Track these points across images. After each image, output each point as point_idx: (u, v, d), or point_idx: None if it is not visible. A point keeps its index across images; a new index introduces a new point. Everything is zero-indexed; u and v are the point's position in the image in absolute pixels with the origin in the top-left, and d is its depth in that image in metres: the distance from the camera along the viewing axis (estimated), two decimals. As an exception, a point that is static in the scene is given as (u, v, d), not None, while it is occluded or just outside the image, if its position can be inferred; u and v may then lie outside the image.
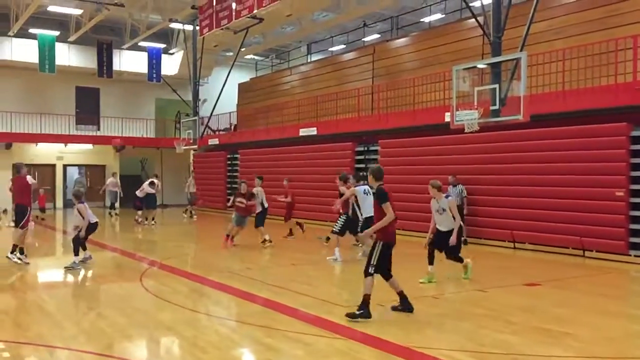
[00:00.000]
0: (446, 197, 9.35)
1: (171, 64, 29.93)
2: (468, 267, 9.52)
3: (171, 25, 26.03)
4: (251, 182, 14.80)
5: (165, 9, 24.51)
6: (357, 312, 6.96)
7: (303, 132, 21.06)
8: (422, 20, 26.13)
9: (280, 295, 8.51)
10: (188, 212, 22.81)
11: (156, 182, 19.87)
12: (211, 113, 26.99)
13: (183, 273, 10.56)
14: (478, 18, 14.12)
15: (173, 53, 30.17)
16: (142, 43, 27.64)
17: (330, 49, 31.02)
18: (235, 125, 28.79)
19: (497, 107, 12.50)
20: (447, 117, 13.83)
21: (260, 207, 14.12)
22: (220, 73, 29.71)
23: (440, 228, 9.39)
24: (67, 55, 27.80)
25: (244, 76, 32.85)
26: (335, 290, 9.61)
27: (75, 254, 10.73)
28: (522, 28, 13.08)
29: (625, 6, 13.91)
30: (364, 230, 9.12)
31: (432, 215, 9.41)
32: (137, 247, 14.46)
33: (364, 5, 22.81)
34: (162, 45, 28.95)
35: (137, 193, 19.61)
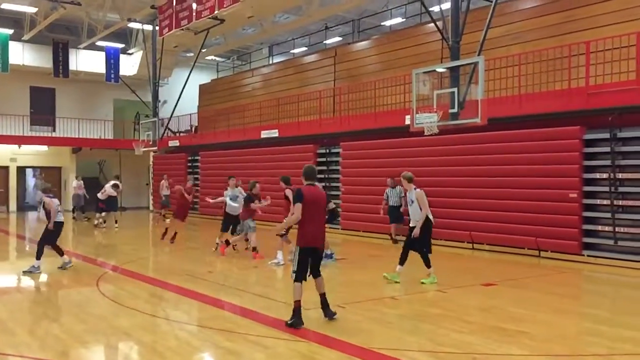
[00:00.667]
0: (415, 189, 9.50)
1: (130, 64, 29.42)
2: (431, 276, 9.57)
3: (130, 25, 25.59)
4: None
5: (123, 9, 24.08)
6: (288, 322, 6.77)
7: (265, 134, 21.00)
8: (383, 23, 26.39)
9: (241, 298, 8.47)
10: (162, 216, 22.22)
11: (119, 184, 19.50)
12: (171, 114, 26.64)
13: (142, 277, 10.38)
14: (437, 23, 14.37)
15: (132, 53, 29.66)
16: (100, 42, 27.08)
17: (292, 51, 31.03)
18: (196, 126, 28.49)
19: (456, 111, 12.72)
20: (408, 120, 14.00)
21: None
22: (180, 74, 29.36)
23: (410, 223, 9.57)
24: (22, 54, 27.03)
25: (205, 77, 32.55)
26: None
27: (37, 258, 10.44)
28: (480, 33, 13.35)
29: (578, 13, 14.35)
30: None
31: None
32: (95, 252, 14.14)
33: (326, 8, 22.91)
34: (121, 45, 28.43)
35: (99, 195, 19.12)
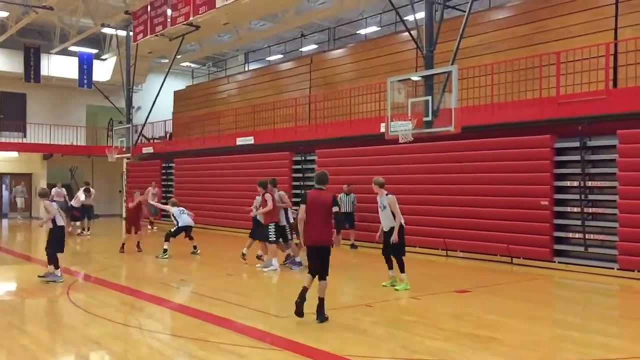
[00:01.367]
0: (387, 195, 9.55)
1: (103, 70, 29.06)
2: (404, 282, 9.60)
3: (103, 30, 25.31)
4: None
5: (97, 14, 23.78)
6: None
7: (240, 141, 20.90)
8: (359, 32, 26.55)
9: (214, 306, 8.38)
10: (150, 223, 21.78)
11: (92, 191, 19.18)
12: (145, 121, 26.37)
13: (114, 286, 10.21)
14: (412, 32, 14.50)
15: (105, 59, 29.32)
16: (73, 48, 26.71)
17: (267, 58, 31.02)
18: (170, 133, 28.25)
19: (430, 119, 12.82)
20: (383, 128, 14.07)
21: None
22: (155, 80, 29.10)
23: (383, 228, 9.62)
24: (-8, 58, 26.58)
25: (180, 84, 32.32)
26: (270, 300, 9.55)
27: (53, 265, 10.17)
28: (454, 42, 13.51)
29: (549, 24, 14.62)
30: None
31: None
32: (65, 260, 13.86)
33: (302, 15, 23.00)
34: (94, 50, 28.07)
35: (72, 203, 18.74)
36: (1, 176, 28.67)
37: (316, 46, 28.67)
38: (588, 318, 8.16)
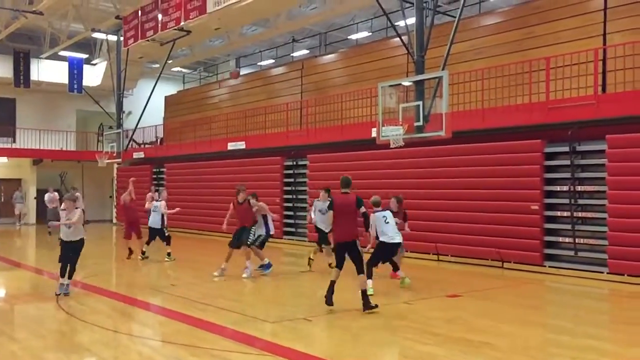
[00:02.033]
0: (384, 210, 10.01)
1: (94, 75, 28.91)
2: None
3: (94, 35, 25.17)
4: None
5: (87, 19, 23.69)
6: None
7: (231, 146, 20.86)
8: (350, 37, 26.62)
9: (205, 312, 8.34)
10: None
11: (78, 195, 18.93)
12: (136, 126, 26.24)
13: (104, 292, 10.14)
14: (402, 37, 14.54)
15: (96, 64, 29.18)
16: (63, 52, 26.57)
17: (259, 63, 31.01)
18: (161, 138, 28.15)
19: (421, 124, 12.86)
20: (374, 133, 14.09)
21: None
22: (145, 85, 28.98)
23: (396, 239, 9.92)
24: (-19, 63, 26.39)
25: (171, 89, 32.23)
26: (262, 306, 9.51)
27: (69, 277, 9.55)
28: (444, 48, 13.56)
29: (539, 30, 14.71)
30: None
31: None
32: (56, 265, 13.75)
33: (293, 21, 23.02)
34: (84, 55, 27.94)
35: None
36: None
37: (307, 51, 28.70)
38: (579, 322, 8.19)
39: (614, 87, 12.33)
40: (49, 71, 27.82)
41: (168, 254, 13.91)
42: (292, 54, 28.26)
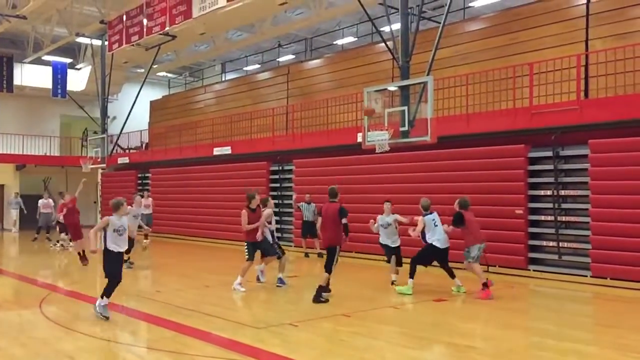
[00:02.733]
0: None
1: (78, 80, 28.70)
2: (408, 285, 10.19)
3: (78, 39, 25.03)
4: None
5: (71, 23, 23.52)
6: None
7: (217, 151, 20.80)
8: (335, 42, 26.71)
9: (191, 318, 8.28)
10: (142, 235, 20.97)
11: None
12: (121, 131, 26.08)
13: (88, 298, 10.03)
14: (388, 43, 14.62)
15: (80, 68, 28.98)
16: (47, 57, 26.36)
17: (245, 68, 30.99)
18: (146, 143, 27.98)
19: (407, 129, 12.92)
20: (359, 138, 14.13)
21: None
22: (130, 90, 28.83)
23: (443, 244, 10.59)
24: (-38, 67, 26.07)
25: (157, 93, 32.08)
26: (248, 311, 9.48)
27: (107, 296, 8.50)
28: (429, 53, 13.66)
29: (523, 36, 14.87)
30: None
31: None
32: (38, 272, 13.63)
33: (278, 26, 23.05)
34: (69, 59, 27.74)
35: (60, 218, 17.87)
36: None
37: (293, 56, 28.74)
38: (563, 325, 8.26)
39: (597, 93, 12.50)
40: (33, 76, 27.58)
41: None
42: (278, 59, 28.28)
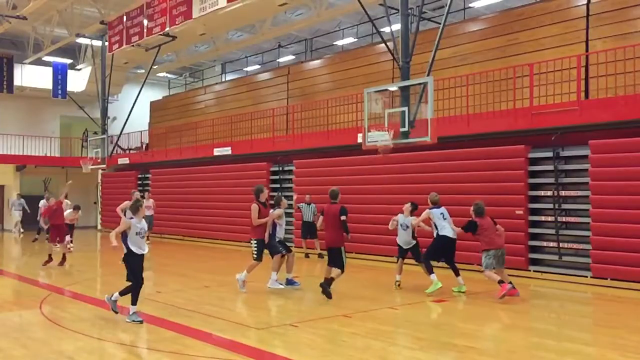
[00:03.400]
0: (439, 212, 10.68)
1: (78, 80, 28.70)
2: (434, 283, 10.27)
3: (78, 40, 25.04)
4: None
5: (71, 24, 23.55)
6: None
7: (217, 152, 20.81)
8: (335, 43, 26.71)
9: (191, 319, 8.28)
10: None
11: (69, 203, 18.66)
12: (121, 131, 26.09)
13: (88, 299, 10.05)
14: (388, 43, 14.62)
15: (80, 69, 28.99)
16: (47, 58, 26.38)
17: (245, 69, 31.00)
18: (146, 144, 27.99)
19: (407, 129, 12.92)
20: (360, 138, 14.13)
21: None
22: (130, 90, 28.85)
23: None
24: (-37, 68, 26.09)
25: (157, 94, 32.09)
26: (248, 312, 9.48)
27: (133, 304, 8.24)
28: (429, 54, 13.65)
29: (523, 36, 14.86)
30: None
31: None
32: (38, 273, 13.63)
33: (279, 27, 23.06)
34: (69, 60, 27.76)
35: (67, 221, 17.71)
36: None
37: (293, 57, 28.75)
38: (563, 326, 8.26)
39: (597, 93, 12.50)
40: (33, 76, 27.58)
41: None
42: (278, 60, 28.29)
